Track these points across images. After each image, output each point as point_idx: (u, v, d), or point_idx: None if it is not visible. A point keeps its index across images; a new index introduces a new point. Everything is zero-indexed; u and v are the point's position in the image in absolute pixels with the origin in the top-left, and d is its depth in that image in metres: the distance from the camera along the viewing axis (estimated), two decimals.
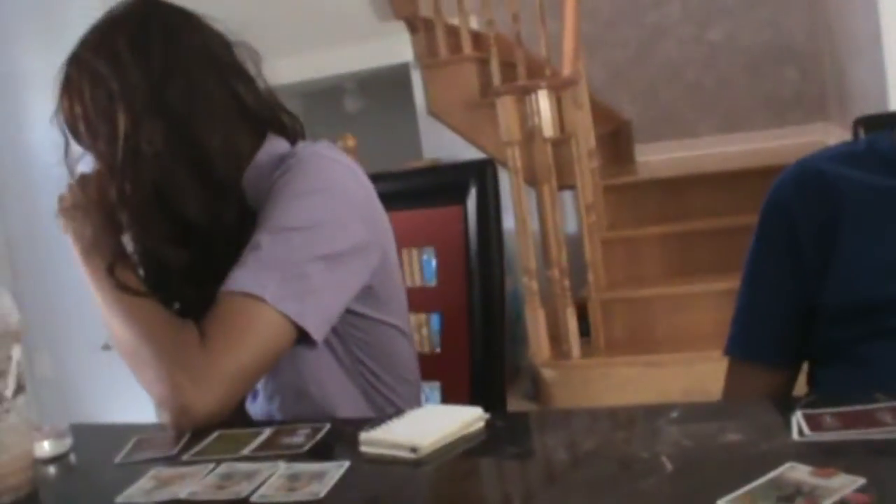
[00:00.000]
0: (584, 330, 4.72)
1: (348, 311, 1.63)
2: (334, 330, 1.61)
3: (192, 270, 1.61)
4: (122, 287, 1.57)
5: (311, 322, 1.51)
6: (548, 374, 4.62)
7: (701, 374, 4.22)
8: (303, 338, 1.53)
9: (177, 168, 1.57)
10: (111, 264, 1.59)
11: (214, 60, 1.64)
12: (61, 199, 1.69)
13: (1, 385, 1.25)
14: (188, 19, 1.66)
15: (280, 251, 1.52)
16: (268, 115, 1.69)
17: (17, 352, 1.28)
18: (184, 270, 1.61)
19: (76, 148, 1.66)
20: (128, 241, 1.65)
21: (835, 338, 1.52)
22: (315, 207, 1.56)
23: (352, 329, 1.66)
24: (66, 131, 1.64)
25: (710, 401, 1.51)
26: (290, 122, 1.72)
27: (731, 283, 4.80)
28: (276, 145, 1.67)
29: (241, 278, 1.50)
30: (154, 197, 1.57)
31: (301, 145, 1.67)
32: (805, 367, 1.62)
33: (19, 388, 1.27)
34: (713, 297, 4.59)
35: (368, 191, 1.66)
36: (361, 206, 1.63)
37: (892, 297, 1.45)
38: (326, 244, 1.55)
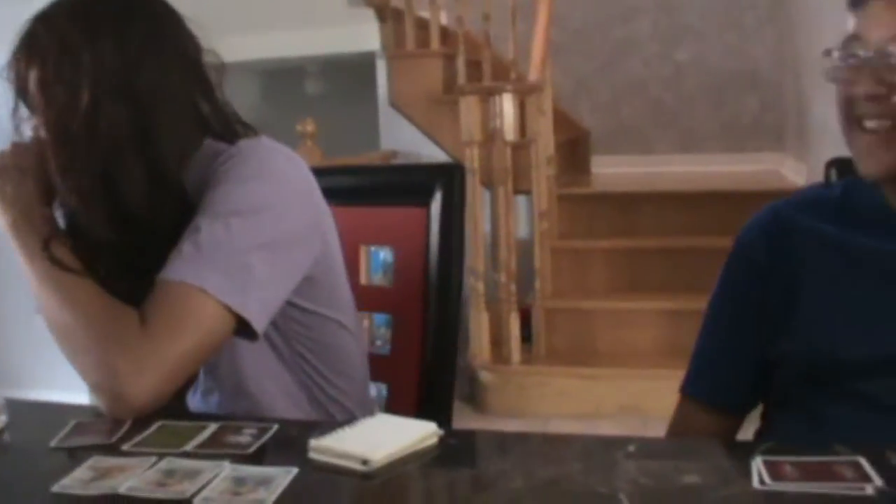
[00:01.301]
0: (526, 336, 4.72)
1: (289, 304, 1.59)
2: (274, 324, 1.58)
3: (123, 257, 1.57)
4: (57, 264, 1.51)
5: (251, 312, 1.47)
6: (486, 377, 4.61)
7: (638, 392, 4.24)
8: (242, 330, 1.49)
9: (127, 153, 1.53)
10: (46, 238, 1.53)
11: (185, 60, 1.60)
12: None
13: None
14: (171, 14, 1.63)
15: (220, 237, 1.48)
16: (220, 125, 1.65)
17: None
18: (116, 256, 1.56)
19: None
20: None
21: (792, 391, 1.51)
22: (255, 193, 1.53)
23: (292, 323, 1.63)
24: (14, 88, 1.58)
25: (660, 437, 1.51)
26: (243, 132, 1.66)
27: (675, 303, 4.84)
28: (215, 144, 1.63)
29: (182, 267, 1.47)
30: (99, 176, 1.52)
31: (242, 141, 1.63)
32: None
33: None
34: (657, 315, 4.61)
35: (310, 181, 1.64)
36: (303, 194, 1.60)
37: (852, 361, 1.43)
38: (267, 230, 1.52)
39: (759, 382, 1.58)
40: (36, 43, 1.55)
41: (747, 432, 1.56)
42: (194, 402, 1.70)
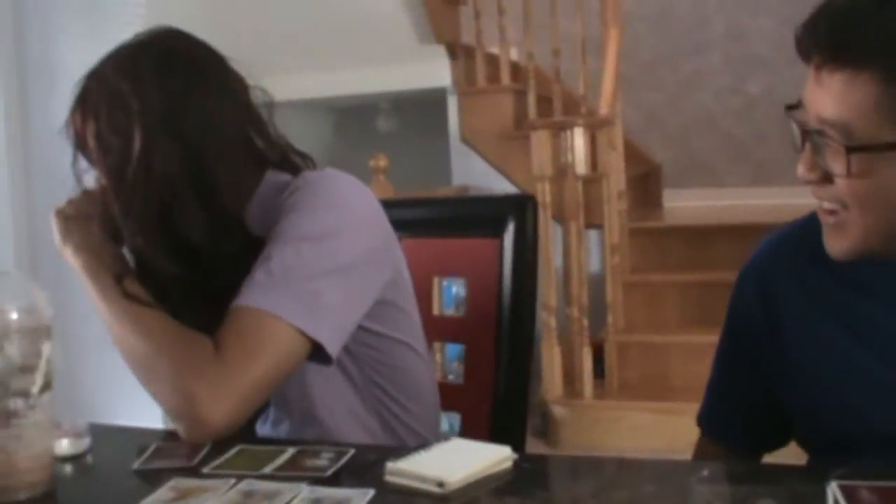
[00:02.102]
0: (599, 371, 4.70)
1: (361, 328, 1.62)
2: (346, 349, 1.60)
3: (190, 290, 1.61)
4: (131, 298, 1.56)
5: (325, 336, 1.50)
6: (559, 411, 4.60)
7: None
8: (316, 354, 1.52)
9: (185, 192, 1.57)
10: (119, 275, 1.59)
11: (231, 96, 1.65)
12: (60, 211, 1.69)
13: (28, 381, 1.24)
14: (212, 55, 1.68)
15: (292, 263, 1.51)
16: (277, 157, 1.69)
17: (47, 348, 1.27)
18: (183, 289, 1.61)
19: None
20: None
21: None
22: (326, 220, 1.57)
23: (364, 347, 1.65)
24: (75, 143, 1.66)
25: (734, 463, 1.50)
26: (301, 163, 1.71)
27: None
28: (277, 176, 1.67)
29: (255, 294, 1.50)
30: (159, 215, 1.57)
31: (307, 172, 1.67)
32: None
33: (46, 386, 1.26)
34: None
35: (377, 207, 1.66)
36: (372, 219, 1.63)
37: (858, 434, 1.38)
38: (339, 256, 1.55)
39: (772, 424, 1.53)
40: (89, 98, 1.63)
41: None
42: (264, 431, 1.73)
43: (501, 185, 5.17)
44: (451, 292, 2.00)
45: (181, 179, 1.57)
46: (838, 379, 1.39)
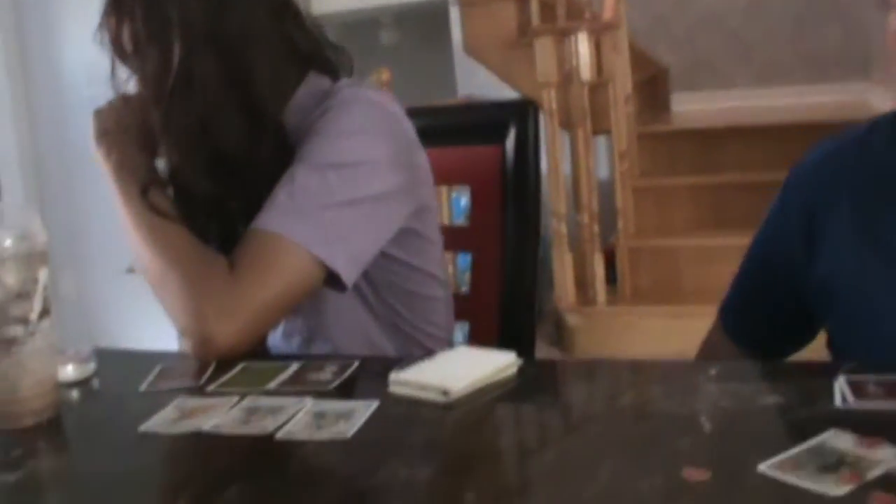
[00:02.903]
0: (611, 277, 4.69)
1: (383, 255, 1.59)
2: (366, 274, 1.58)
3: (222, 205, 1.60)
4: (154, 210, 1.54)
5: (341, 266, 1.48)
6: (572, 319, 4.60)
7: None
8: (332, 280, 1.50)
9: (224, 98, 1.54)
10: (145, 186, 1.56)
11: None
12: (98, 113, 1.65)
13: (26, 307, 1.23)
14: None
15: (315, 189, 1.49)
16: (312, 51, 1.65)
17: (43, 274, 1.25)
18: (214, 204, 1.59)
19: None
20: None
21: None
22: (354, 148, 1.53)
23: (384, 272, 1.63)
24: (111, 48, 1.59)
25: (742, 361, 1.49)
26: (335, 57, 1.67)
27: None
28: (317, 82, 1.63)
29: (275, 217, 1.48)
30: (198, 125, 1.53)
31: (343, 83, 1.63)
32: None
33: (45, 312, 1.25)
34: (742, 251, 4.52)
35: (410, 135, 1.63)
36: (402, 150, 1.59)
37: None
38: (363, 186, 1.52)
39: (788, 335, 1.51)
40: (123, 3, 1.56)
41: None
42: (274, 343, 1.72)
43: (506, 95, 5.12)
44: (460, 204, 1.98)
45: (222, 87, 1.53)
46: (871, 302, 1.36)
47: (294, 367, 1.36)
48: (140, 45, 1.55)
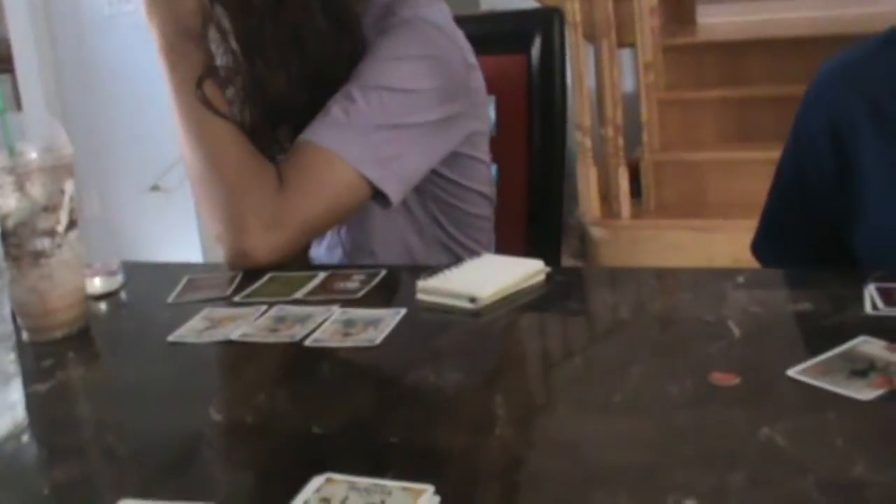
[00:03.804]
0: (636, 191, 4.68)
1: (433, 172, 1.59)
2: (415, 188, 1.58)
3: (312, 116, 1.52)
4: (207, 104, 1.47)
5: (390, 187, 1.48)
6: (596, 232, 4.59)
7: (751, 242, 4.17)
8: (379, 197, 1.49)
9: (313, 6, 1.50)
10: (202, 75, 1.48)
11: None
12: None
13: (53, 220, 1.22)
14: None
15: (371, 109, 1.47)
16: None
17: (69, 186, 1.25)
18: (308, 115, 1.51)
19: None
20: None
21: None
22: (413, 73, 1.51)
23: (433, 187, 1.63)
24: None
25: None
26: None
27: None
28: None
29: (328, 133, 1.46)
30: (292, 36, 1.49)
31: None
32: None
33: (72, 224, 1.25)
34: (768, 164, 4.43)
35: (467, 57, 1.61)
36: (457, 77, 1.57)
37: None
38: (416, 112, 1.50)
39: (830, 255, 1.45)
40: None
41: None
42: (318, 254, 1.72)
43: (531, 7, 5.06)
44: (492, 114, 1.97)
45: None
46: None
47: (321, 276, 1.36)
48: None
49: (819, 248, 1.48)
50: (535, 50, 1.87)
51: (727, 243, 4.28)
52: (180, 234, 4.48)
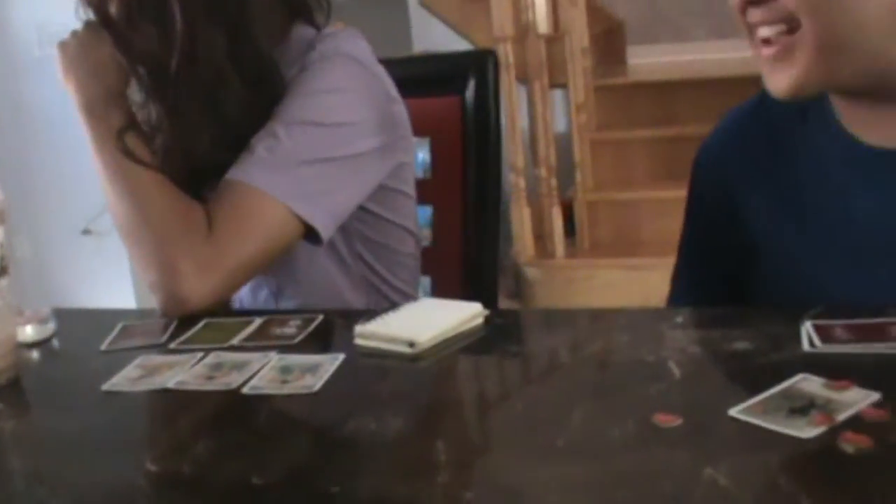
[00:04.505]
0: (570, 230, 4.71)
1: (359, 208, 1.58)
2: (340, 227, 1.56)
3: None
4: (130, 156, 1.46)
5: (319, 221, 1.46)
6: (531, 272, 4.61)
7: None
8: (308, 235, 1.48)
9: (229, 68, 1.48)
10: (122, 128, 1.48)
11: None
12: (63, 46, 1.54)
13: None
14: None
15: (295, 145, 1.46)
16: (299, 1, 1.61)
17: (1, 233, 1.22)
18: (223, 171, 1.49)
19: None
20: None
21: None
22: (337, 106, 1.51)
23: (359, 224, 1.62)
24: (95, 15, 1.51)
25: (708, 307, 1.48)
26: (315, 3, 1.62)
27: None
28: (304, 31, 1.59)
29: (255, 171, 1.45)
30: (208, 101, 1.48)
31: (326, 34, 1.57)
32: None
33: (2, 271, 1.22)
34: None
35: (389, 90, 1.60)
36: (381, 108, 1.57)
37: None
38: (342, 146, 1.50)
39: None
40: None
41: None
42: (243, 296, 1.70)
43: (463, 49, 5.10)
44: (419, 157, 1.97)
45: (225, 57, 1.47)
46: (787, 260, 1.35)
47: (258, 321, 1.34)
48: (133, 18, 1.48)
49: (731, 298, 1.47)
50: (470, 92, 1.87)
51: (662, 281, 4.26)
52: (113, 278, 4.43)
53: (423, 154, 1.95)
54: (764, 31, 1.20)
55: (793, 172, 1.34)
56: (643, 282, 4.33)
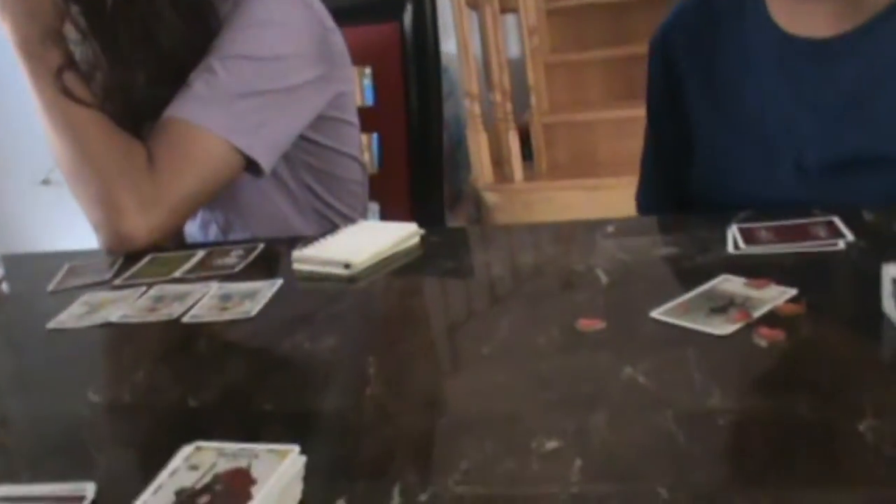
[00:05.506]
0: (527, 154, 4.71)
1: (301, 138, 1.59)
2: (284, 156, 1.58)
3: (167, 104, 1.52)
4: (69, 95, 1.47)
5: (260, 153, 1.48)
6: (490, 197, 4.62)
7: None
8: (250, 167, 1.50)
9: (165, 7, 1.48)
10: (60, 66, 1.48)
11: None
12: None
13: None
14: None
15: (232, 79, 1.47)
16: None
17: None
18: (163, 105, 1.51)
19: None
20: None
21: None
22: (271, 39, 1.51)
23: (304, 154, 1.63)
24: None
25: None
26: None
27: None
28: None
29: (192, 107, 1.46)
30: (145, 35, 1.48)
31: None
32: None
33: None
34: None
35: (325, 20, 1.61)
36: (317, 40, 1.57)
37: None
38: (279, 78, 1.51)
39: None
40: None
41: None
42: (192, 232, 1.71)
43: None
44: (365, 85, 1.97)
45: None
46: (710, 149, 1.40)
47: (200, 254, 1.36)
48: None
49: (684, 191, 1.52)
50: (408, 17, 1.87)
51: (620, 201, 4.29)
52: (72, 228, 4.40)
53: (367, 81, 1.95)
54: None
55: (722, 61, 1.39)
56: (602, 202, 4.36)
